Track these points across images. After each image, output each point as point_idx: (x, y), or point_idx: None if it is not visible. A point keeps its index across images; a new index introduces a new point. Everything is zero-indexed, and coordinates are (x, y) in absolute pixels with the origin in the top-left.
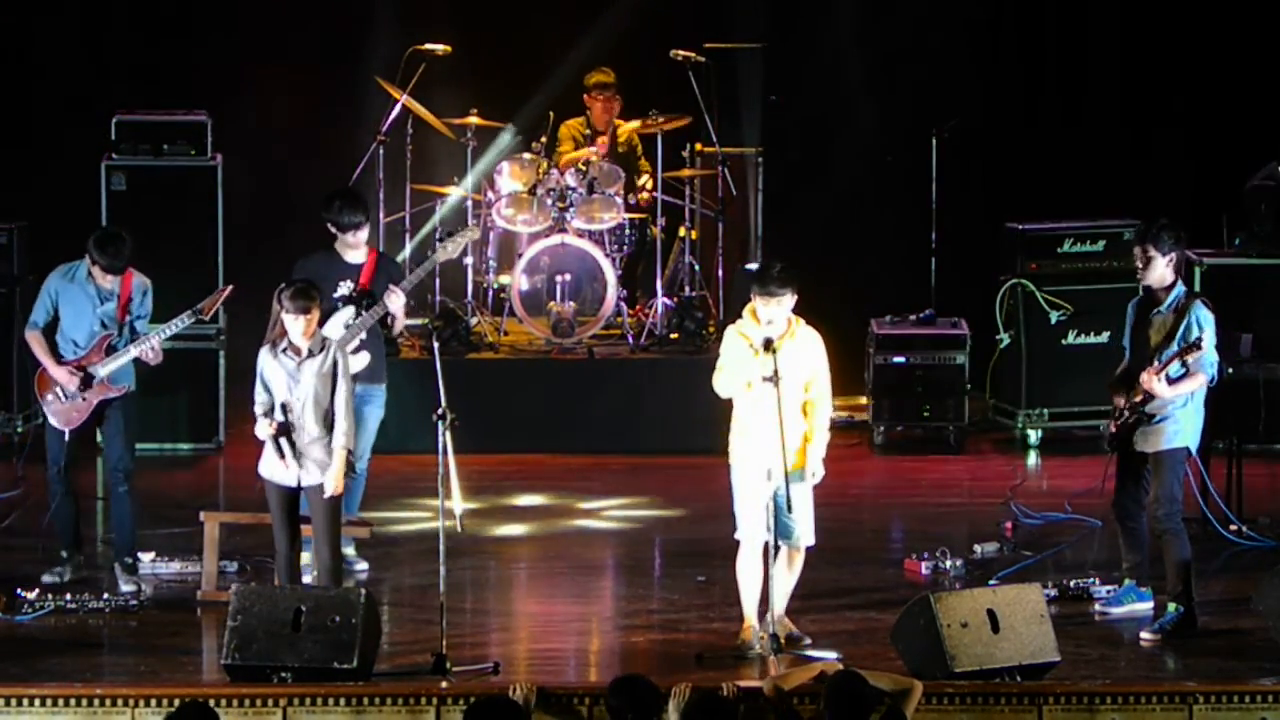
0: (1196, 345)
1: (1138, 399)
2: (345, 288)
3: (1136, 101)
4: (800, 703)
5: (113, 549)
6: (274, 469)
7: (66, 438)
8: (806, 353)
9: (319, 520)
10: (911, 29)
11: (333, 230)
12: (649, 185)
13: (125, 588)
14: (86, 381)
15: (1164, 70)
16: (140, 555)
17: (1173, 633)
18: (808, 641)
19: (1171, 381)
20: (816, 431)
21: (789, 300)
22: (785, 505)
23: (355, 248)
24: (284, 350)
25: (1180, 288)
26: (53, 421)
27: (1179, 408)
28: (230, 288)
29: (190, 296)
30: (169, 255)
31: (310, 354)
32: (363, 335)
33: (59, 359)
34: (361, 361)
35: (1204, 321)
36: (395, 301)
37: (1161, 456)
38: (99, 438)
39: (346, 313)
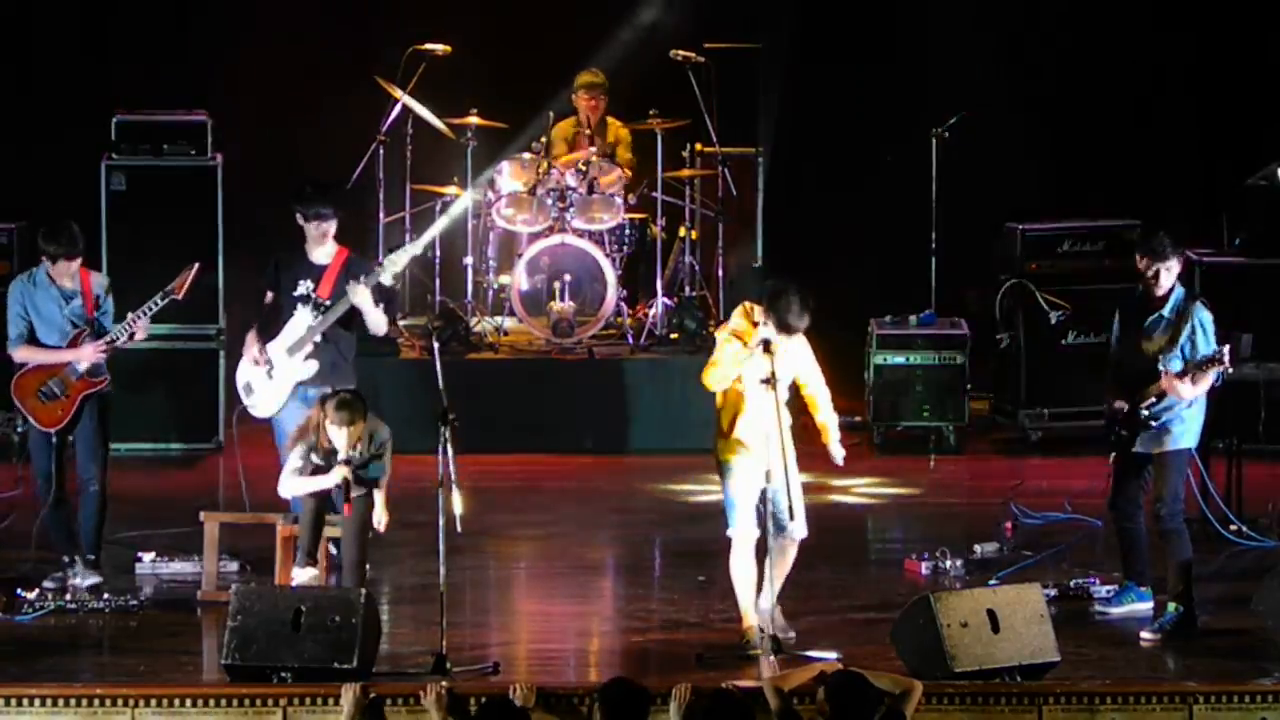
0: (1218, 360)
1: (1146, 403)
2: (304, 287)
3: (1136, 101)
4: (800, 703)
5: (81, 543)
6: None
7: (54, 440)
8: (795, 352)
9: (350, 522)
10: (912, 28)
11: (299, 220)
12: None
13: (87, 582)
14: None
15: (1164, 70)
16: (140, 555)
17: (1173, 633)
18: (792, 635)
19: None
20: (830, 419)
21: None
22: (785, 501)
23: (320, 242)
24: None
25: (1179, 290)
26: (37, 426)
27: (1184, 409)
28: (198, 265)
29: (190, 297)
30: (169, 255)
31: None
32: (317, 339)
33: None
34: (309, 370)
35: (1206, 323)
36: (359, 295)
37: (1167, 458)
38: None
39: (305, 315)
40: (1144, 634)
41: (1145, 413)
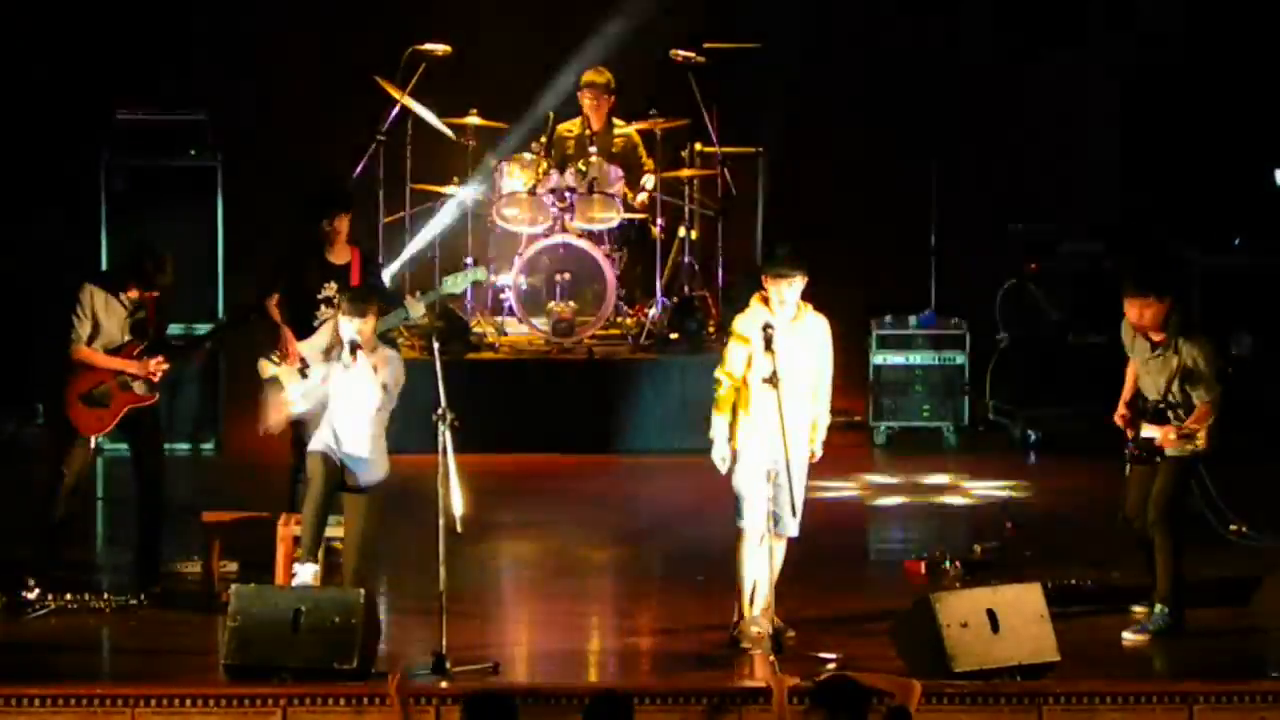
0: (1188, 435)
1: (1143, 435)
2: (329, 289)
3: (1136, 101)
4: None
5: (137, 552)
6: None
7: (92, 445)
8: (814, 338)
9: (352, 519)
10: (912, 28)
11: (323, 223)
12: (649, 185)
13: (149, 591)
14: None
15: (1163, 69)
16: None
17: (1157, 635)
18: (791, 633)
19: (1180, 434)
20: (820, 415)
21: (799, 282)
22: (786, 498)
23: (333, 243)
24: (339, 359)
25: (1175, 321)
26: (75, 429)
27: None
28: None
29: (190, 296)
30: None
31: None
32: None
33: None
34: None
35: (1201, 360)
36: (417, 309)
37: (1170, 462)
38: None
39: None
40: (1126, 634)
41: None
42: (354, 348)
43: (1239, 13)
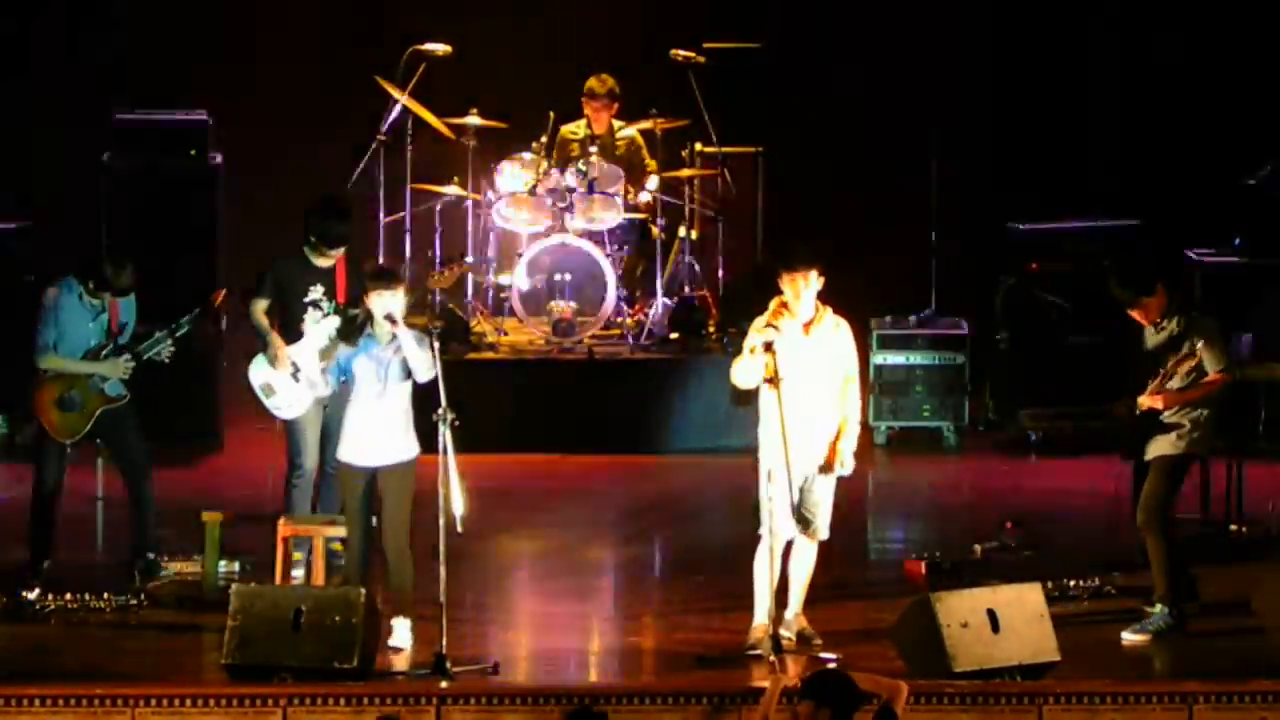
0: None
1: (1139, 412)
2: (316, 292)
3: (1136, 100)
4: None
5: (134, 549)
6: (353, 450)
7: (68, 450)
8: (833, 340)
9: (391, 502)
10: (912, 28)
11: (314, 240)
12: (653, 186)
13: (148, 586)
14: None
15: (1164, 68)
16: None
17: (1158, 635)
18: (819, 641)
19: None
20: (847, 423)
21: (814, 278)
22: (801, 498)
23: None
24: (370, 337)
25: (1175, 305)
26: (53, 437)
27: (1173, 416)
28: (226, 289)
29: (190, 297)
30: (169, 255)
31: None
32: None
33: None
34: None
35: (1206, 330)
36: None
37: (1159, 461)
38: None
39: (329, 322)
40: (1126, 634)
41: (1146, 418)
42: (391, 321)
43: (1238, 12)
